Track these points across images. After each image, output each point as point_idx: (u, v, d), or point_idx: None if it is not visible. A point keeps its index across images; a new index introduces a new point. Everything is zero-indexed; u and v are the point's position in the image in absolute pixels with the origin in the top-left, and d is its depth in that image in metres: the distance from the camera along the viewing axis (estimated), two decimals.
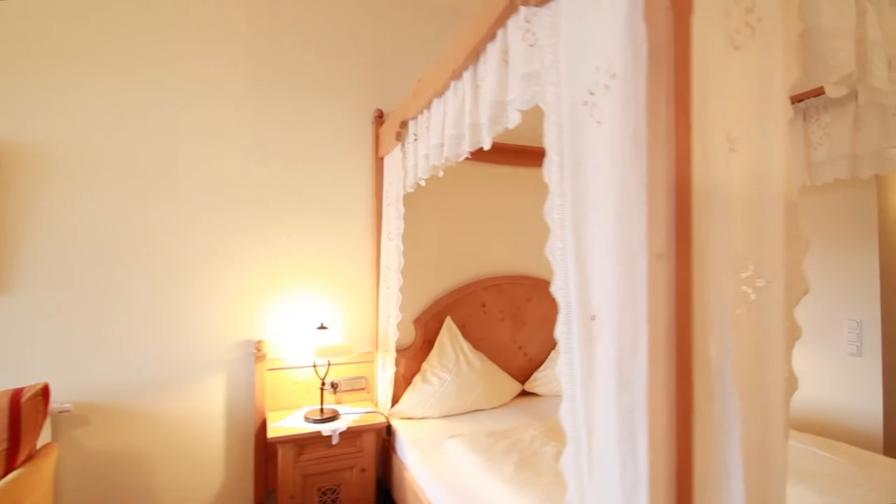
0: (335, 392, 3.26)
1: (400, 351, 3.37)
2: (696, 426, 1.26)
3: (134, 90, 2.92)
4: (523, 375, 3.71)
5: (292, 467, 2.80)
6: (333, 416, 2.97)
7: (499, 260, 3.75)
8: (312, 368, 3.12)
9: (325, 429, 2.84)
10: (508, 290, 3.71)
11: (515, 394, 3.54)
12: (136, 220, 2.91)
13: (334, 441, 2.82)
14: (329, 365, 3.11)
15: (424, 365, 3.35)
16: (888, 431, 2.85)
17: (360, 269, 3.32)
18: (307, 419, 2.95)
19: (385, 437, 3.14)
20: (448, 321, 3.50)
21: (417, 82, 2.72)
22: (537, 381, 3.66)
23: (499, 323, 3.65)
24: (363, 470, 2.89)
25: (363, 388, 3.29)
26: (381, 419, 2.95)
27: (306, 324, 3.17)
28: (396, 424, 3.08)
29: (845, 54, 1.57)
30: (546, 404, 3.44)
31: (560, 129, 1.49)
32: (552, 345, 3.76)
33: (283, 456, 2.78)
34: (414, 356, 3.39)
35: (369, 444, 2.91)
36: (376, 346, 3.26)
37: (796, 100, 2.83)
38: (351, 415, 3.02)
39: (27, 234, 2.75)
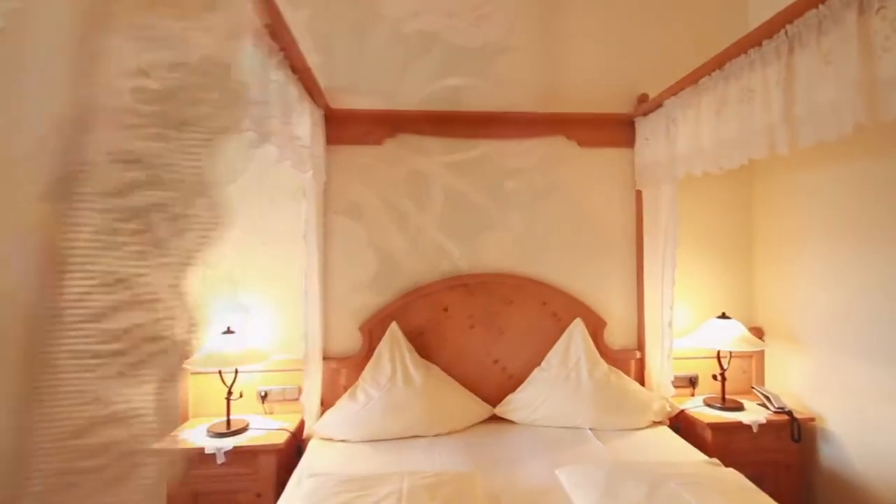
0: (263, 402, 2.99)
1: (342, 360, 3.04)
2: None
3: None
4: (500, 396, 3.12)
5: (179, 482, 2.55)
6: (240, 430, 2.70)
7: (468, 255, 3.21)
8: (229, 375, 2.84)
9: (210, 445, 2.57)
10: (481, 291, 3.19)
11: (481, 418, 2.95)
12: None
13: (219, 460, 2.55)
14: (236, 372, 2.83)
15: (360, 378, 2.98)
16: None
17: (292, 272, 3.02)
18: (209, 432, 2.69)
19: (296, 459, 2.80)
20: (392, 328, 3.06)
21: None
22: (510, 406, 3.03)
23: (466, 331, 3.14)
24: (258, 495, 2.60)
25: (296, 399, 3.00)
26: (282, 438, 2.65)
27: (216, 330, 2.91)
28: (313, 445, 2.73)
29: None
30: (514, 437, 2.77)
31: None
32: (538, 360, 3.20)
33: None
34: (357, 366, 3.05)
35: (267, 465, 2.61)
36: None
37: None
38: (258, 430, 2.74)
39: None
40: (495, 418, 3.05)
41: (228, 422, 2.76)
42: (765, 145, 2.06)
